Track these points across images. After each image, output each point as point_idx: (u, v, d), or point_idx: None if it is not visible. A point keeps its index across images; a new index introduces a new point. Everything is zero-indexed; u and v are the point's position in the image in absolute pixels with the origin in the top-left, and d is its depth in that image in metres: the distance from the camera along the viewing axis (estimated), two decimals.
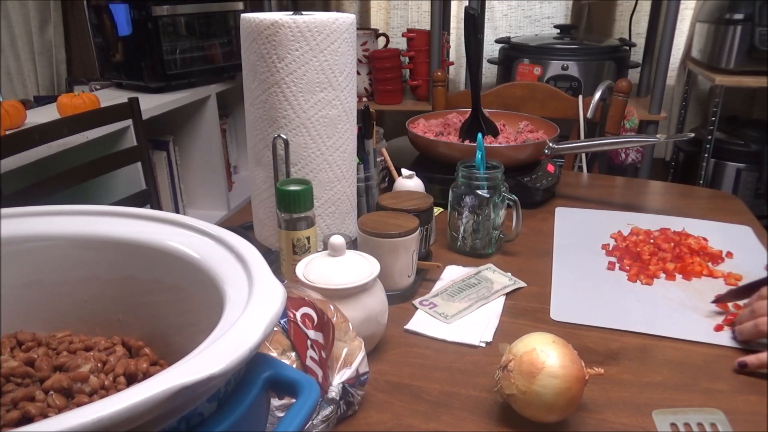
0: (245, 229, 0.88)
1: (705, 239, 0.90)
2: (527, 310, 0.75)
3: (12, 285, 0.46)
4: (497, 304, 0.76)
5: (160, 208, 1.61)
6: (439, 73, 1.63)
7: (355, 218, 0.85)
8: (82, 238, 0.47)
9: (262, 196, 0.81)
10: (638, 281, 0.80)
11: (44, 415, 0.38)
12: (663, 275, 0.82)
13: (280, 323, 0.52)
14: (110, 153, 1.42)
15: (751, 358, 0.62)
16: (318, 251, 0.70)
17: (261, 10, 2.09)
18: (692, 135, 1.06)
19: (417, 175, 0.97)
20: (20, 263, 0.46)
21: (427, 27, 2.28)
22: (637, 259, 0.85)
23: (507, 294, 0.78)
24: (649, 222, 0.97)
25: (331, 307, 0.58)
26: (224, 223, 0.73)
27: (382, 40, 2.39)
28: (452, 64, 2.47)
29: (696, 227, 0.95)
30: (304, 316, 0.53)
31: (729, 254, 0.87)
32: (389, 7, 2.59)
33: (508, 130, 1.18)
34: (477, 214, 0.86)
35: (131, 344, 0.47)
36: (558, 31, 2.14)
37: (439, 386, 0.61)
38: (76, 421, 0.25)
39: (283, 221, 0.70)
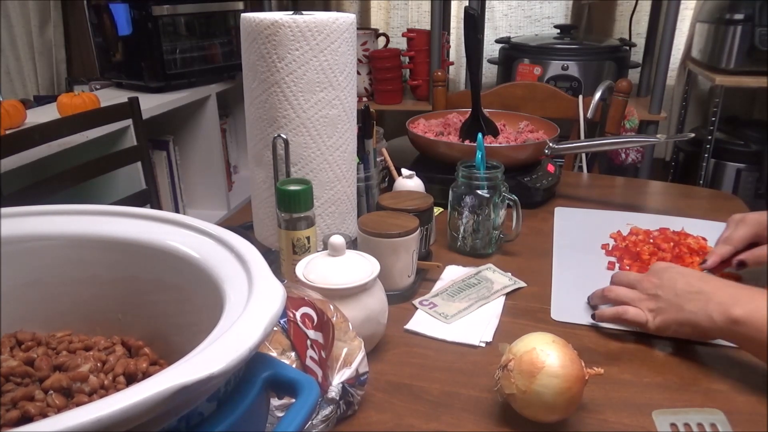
0: (245, 229, 0.88)
1: (704, 239, 0.90)
2: (527, 310, 0.75)
3: (12, 285, 0.46)
4: (497, 304, 0.76)
5: (160, 208, 1.61)
6: (439, 73, 1.63)
7: (355, 218, 0.85)
8: (82, 238, 0.47)
9: (262, 195, 0.81)
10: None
11: (44, 415, 0.38)
12: None
13: (279, 323, 0.52)
14: (110, 153, 1.42)
15: (600, 312, 0.70)
16: (318, 251, 0.70)
17: (261, 9, 2.09)
18: (692, 135, 1.06)
19: (417, 175, 0.97)
20: (20, 263, 0.46)
21: (427, 27, 2.28)
22: (636, 258, 0.85)
23: (507, 294, 0.78)
24: (649, 222, 0.97)
25: (331, 307, 0.58)
26: (224, 223, 0.73)
27: (382, 40, 2.39)
28: (452, 64, 2.47)
29: (695, 227, 0.95)
30: (304, 315, 0.53)
31: None
32: (389, 7, 2.59)
33: (508, 130, 1.18)
34: (477, 214, 0.86)
35: (131, 344, 0.47)
36: (558, 31, 2.14)
37: (439, 386, 0.61)
38: (75, 421, 0.25)
39: (283, 221, 0.70)
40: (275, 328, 0.51)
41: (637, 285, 0.69)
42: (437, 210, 0.99)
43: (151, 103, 1.75)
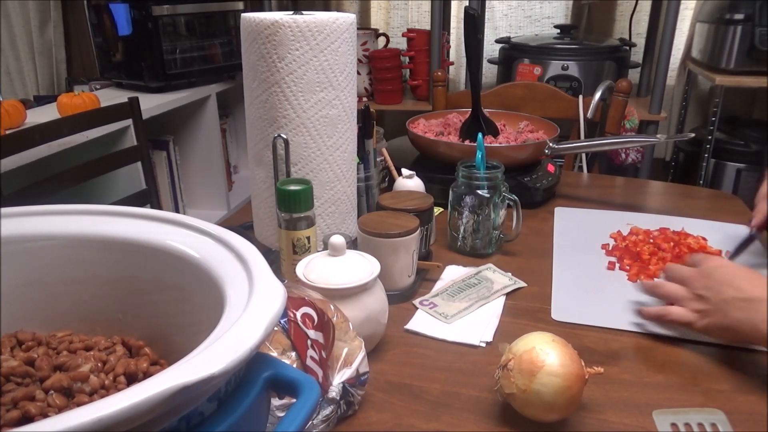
0: (245, 229, 0.88)
1: (704, 239, 0.90)
2: (527, 310, 0.75)
3: (12, 285, 0.46)
4: (497, 304, 0.76)
5: (160, 208, 1.61)
6: (439, 73, 1.63)
7: (355, 218, 0.85)
8: (82, 238, 0.47)
9: (262, 195, 0.81)
10: (638, 281, 0.80)
11: (44, 415, 0.38)
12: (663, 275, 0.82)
13: (280, 323, 0.52)
14: (110, 153, 1.42)
15: (646, 310, 0.70)
16: (318, 251, 0.70)
17: (261, 9, 2.09)
18: (692, 135, 1.06)
19: (417, 175, 0.97)
20: (20, 263, 0.46)
21: (427, 27, 2.28)
22: (636, 258, 0.85)
23: (507, 294, 0.78)
24: (649, 222, 0.97)
25: (332, 307, 0.58)
26: (224, 223, 0.73)
27: (382, 40, 2.39)
28: (452, 64, 2.47)
29: (695, 227, 0.95)
30: (305, 315, 0.53)
31: (728, 254, 0.87)
32: (389, 7, 2.59)
33: (508, 130, 1.18)
34: (477, 214, 0.86)
35: (131, 344, 0.47)
36: (558, 31, 2.14)
37: (439, 386, 0.61)
38: (76, 421, 0.25)
39: (283, 221, 0.70)
40: (276, 328, 0.51)
41: (687, 282, 0.67)
42: (437, 210, 0.99)
43: (151, 103, 1.75)
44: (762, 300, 0.59)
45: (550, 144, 1.07)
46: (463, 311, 0.74)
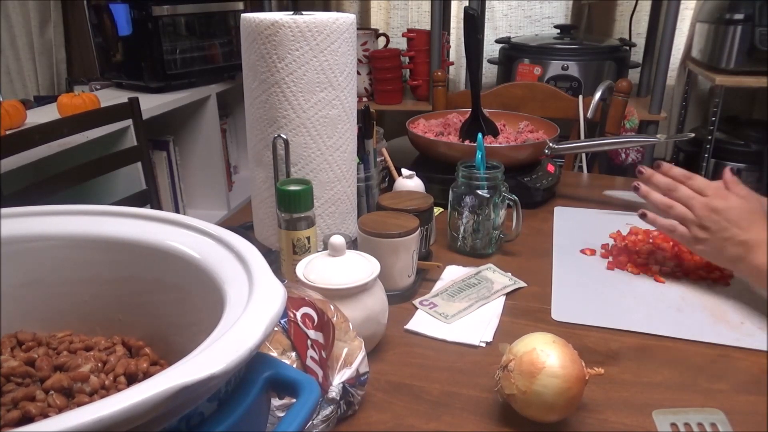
0: (245, 229, 0.88)
1: None
2: (527, 310, 0.75)
3: (12, 285, 0.46)
4: (497, 304, 0.76)
5: (160, 208, 1.61)
6: (439, 73, 1.63)
7: (355, 218, 0.85)
8: (82, 238, 0.47)
9: (262, 195, 0.81)
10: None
11: (44, 415, 0.38)
12: None
13: (280, 323, 0.52)
14: (110, 153, 1.42)
15: (654, 216, 0.80)
16: (318, 251, 0.70)
17: (261, 10, 2.09)
18: (692, 135, 1.06)
19: (417, 175, 0.97)
20: (20, 263, 0.46)
21: (427, 27, 2.28)
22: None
23: (507, 294, 0.78)
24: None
25: (332, 307, 0.58)
26: (224, 223, 0.73)
27: (382, 40, 2.39)
28: (452, 64, 2.47)
29: None
30: (305, 316, 0.53)
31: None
32: (389, 7, 2.59)
33: (508, 130, 1.18)
34: (477, 214, 0.86)
35: (131, 344, 0.47)
36: (558, 31, 2.14)
37: (439, 386, 0.61)
38: (76, 421, 0.25)
39: (283, 221, 0.70)
40: (276, 328, 0.51)
41: (694, 208, 0.74)
42: (437, 210, 0.99)
43: (151, 103, 1.75)
44: (759, 245, 0.68)
45: (550, 144, 1.07)
46: (463, 311, 0.74)
